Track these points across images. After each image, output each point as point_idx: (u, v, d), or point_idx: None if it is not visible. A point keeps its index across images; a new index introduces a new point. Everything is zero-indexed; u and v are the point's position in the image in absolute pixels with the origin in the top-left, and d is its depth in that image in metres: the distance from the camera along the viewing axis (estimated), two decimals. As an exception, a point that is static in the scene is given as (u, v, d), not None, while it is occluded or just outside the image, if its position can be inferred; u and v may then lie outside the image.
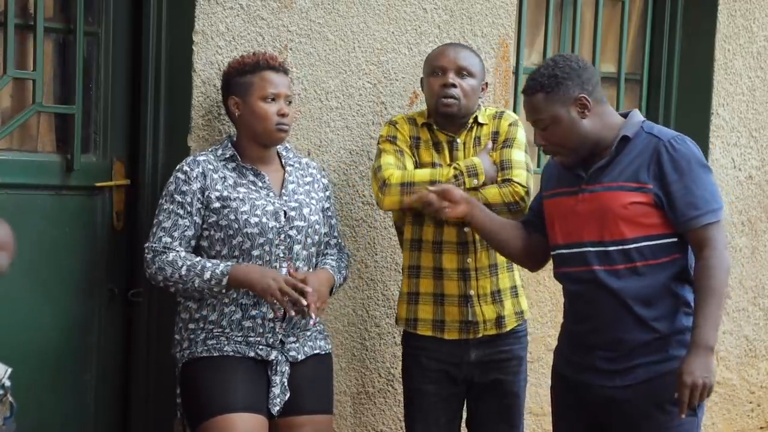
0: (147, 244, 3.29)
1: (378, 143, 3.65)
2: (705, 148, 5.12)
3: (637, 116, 3.17)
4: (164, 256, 3.24)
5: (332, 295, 3.52)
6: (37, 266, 3.45)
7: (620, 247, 3.05)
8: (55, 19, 3.55)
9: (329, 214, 3.56)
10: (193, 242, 3.31)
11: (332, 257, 3.52)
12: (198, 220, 3.30)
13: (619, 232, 3.05)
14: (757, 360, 5.47)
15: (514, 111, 4.56)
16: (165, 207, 3.31)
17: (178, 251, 3.25)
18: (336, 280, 3.46)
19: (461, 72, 3.53)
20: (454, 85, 3.51)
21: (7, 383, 2.15)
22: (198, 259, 3.26)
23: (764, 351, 5.49)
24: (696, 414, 3.06)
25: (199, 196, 3.30)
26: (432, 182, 3.45)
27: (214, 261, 3.25)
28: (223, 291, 3.23)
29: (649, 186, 3.04)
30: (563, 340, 3.31)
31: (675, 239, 3.06)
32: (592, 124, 3.11)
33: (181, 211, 3.28)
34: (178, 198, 3.29)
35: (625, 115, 3.20)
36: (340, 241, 3.60)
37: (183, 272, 3.22)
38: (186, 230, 3.28)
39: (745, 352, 5.40)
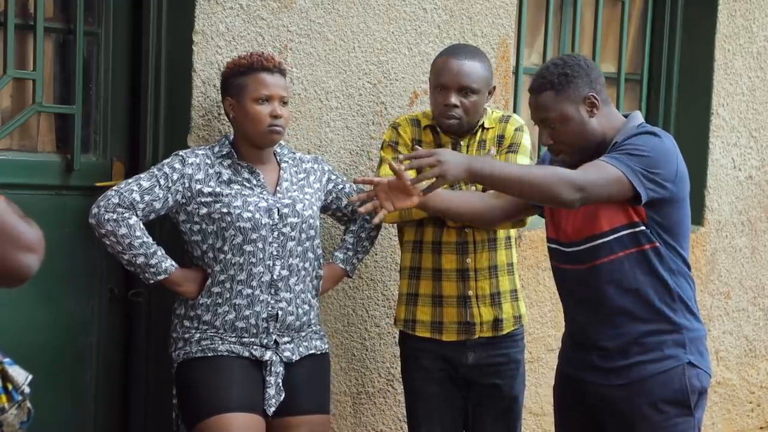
0: (117, 188, 3.26)
1: (381, 148, 3.65)
2: (705, 148, 5.13)
3: (635, 120, 3.14)
4: (126, 215, 3.21)
5: (351, 277, 3.68)
6: (36, 266, 3.44)
7: (597, 242, 3.05)
8: (55, 19, 3.55)
9: (339, 187, 3.58)
10: (152, 216, 3.29)
11: (352, 234, 3.61)
12: (171, 202, 3.29)
13: (598, 226, 3.05)
14: (757, 360, 5.47)
15: (514, 111, 4.57)
16: (152, 171, 3.32)
17: (138, 217, 3.24)
18: (348, 271, 3.61)
19: (463, 90, 3.48)
20: (456, 105, 3.48)
21: (27, 390, 2.17)
22: (153, 241, 3.26)
23: (764, 351, 5.49)
24: (693, 414, 3.06)
25: (186, 182, 3.30)
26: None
27: (164, 253, 3.27)
28: (150, 282, 3.28)
29: None
30: (564, 339, 3.32)
31: (642, 227, 3.03)
32: (599, 123, 3.10)
33: (162, 182, 3.28)
34: (166, 170, 3.30)
35: (627, 117, 3.19)
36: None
37: (135, 243, 3.21)
38: (155, 201, 3.27)
39: (745, 352, 5.41)
